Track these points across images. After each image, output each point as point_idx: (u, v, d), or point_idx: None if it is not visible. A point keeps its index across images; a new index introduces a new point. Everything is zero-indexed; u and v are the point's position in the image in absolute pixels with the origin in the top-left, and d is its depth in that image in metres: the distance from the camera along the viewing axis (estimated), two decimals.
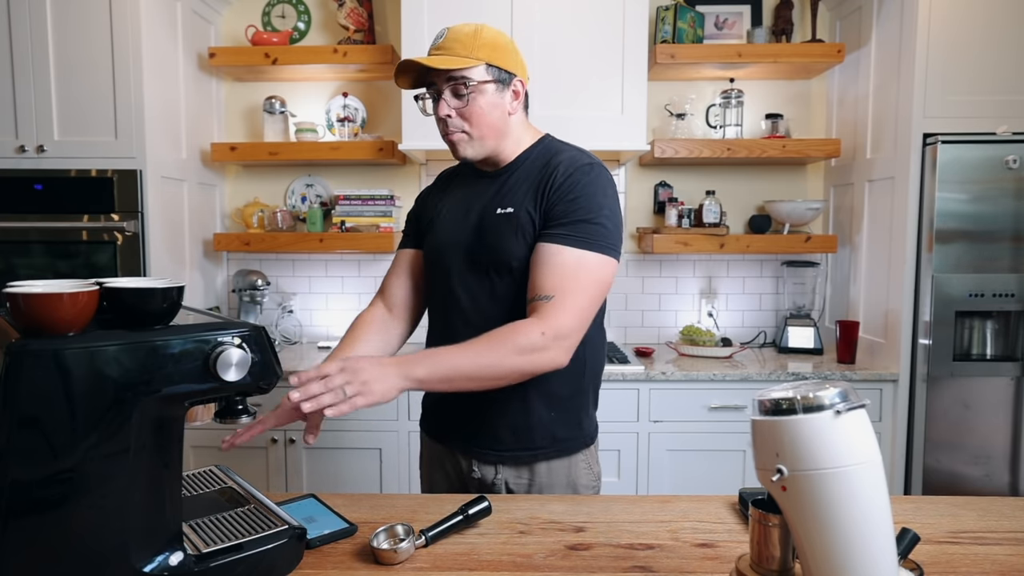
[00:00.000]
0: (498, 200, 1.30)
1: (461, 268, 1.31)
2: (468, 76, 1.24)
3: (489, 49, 1.25)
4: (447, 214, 1.38)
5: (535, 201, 1.25)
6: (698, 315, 2.91)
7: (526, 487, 1.33)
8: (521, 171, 1.31)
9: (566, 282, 1.18)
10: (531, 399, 1.30)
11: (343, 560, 1.00)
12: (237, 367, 0.85)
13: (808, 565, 0.74)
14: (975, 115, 2.26)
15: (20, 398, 0.76)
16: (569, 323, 1.17)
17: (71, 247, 2.35)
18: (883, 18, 2.47)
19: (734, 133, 2.71)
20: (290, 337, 2.87)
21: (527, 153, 1.33)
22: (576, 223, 1.21)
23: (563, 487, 1.33)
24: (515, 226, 1.25)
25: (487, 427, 1.32)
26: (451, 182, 1.47)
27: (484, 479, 1.34)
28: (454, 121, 1.26)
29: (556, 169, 1.26)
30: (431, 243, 1.39)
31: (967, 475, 2.32)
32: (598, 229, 1.21)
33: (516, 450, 1.32)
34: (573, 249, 1.19)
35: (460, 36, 1.25)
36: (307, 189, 2.93)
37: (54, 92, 2.30)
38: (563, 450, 1.33)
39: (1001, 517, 1.15)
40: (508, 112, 1.30)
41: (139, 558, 0.85)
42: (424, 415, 1.48)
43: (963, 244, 2.26)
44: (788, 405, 0.72)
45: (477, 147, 1.29)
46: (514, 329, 1.16)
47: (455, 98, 1.25)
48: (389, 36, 2.85)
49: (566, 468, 1.34)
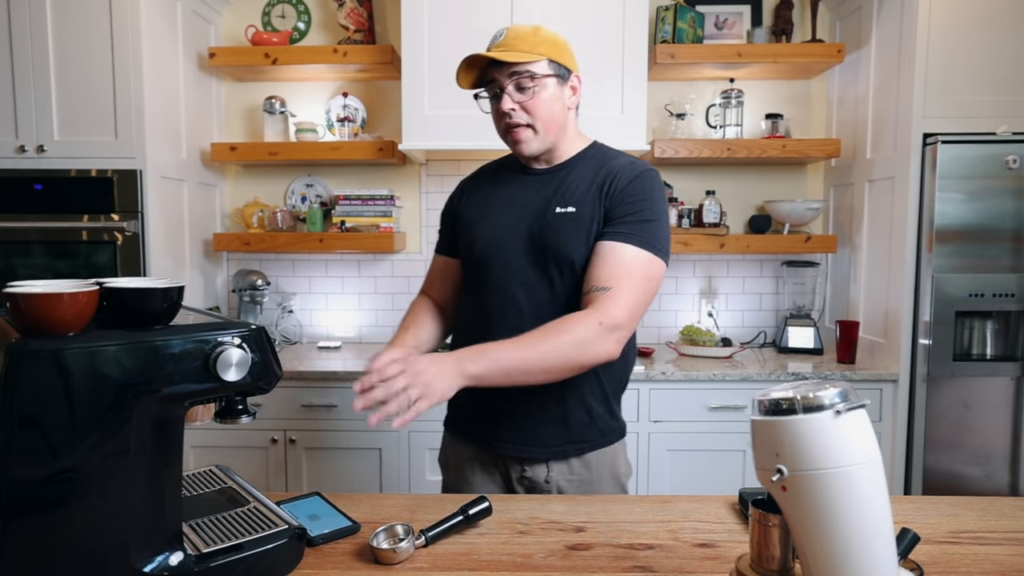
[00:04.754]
0: (558, 199, 1.30)
1: (519, 265, 1.31)
2: (532, 70, 1.25)
3: (550, 45, 1.28)
4: (496, 212, 1.37)
5: (598, 202, 1.28)
6: (698, 315, 2.91)
7: (576, 485, 1.34)
8: (578, 171, 1.33)
9: (623, 276, 1.21)
10: (585, 395, 1.32)
11: (343, 560, 1.00)
12: (237, 367, 0.85)
13: (808, 565, 0.74)
14: (975, 115, 2.26)
15: (20, 398, 0.76)
16: (623, 315, 1.19)
17: (71, 247, 2.35)
18: (883, 18, 2.47)
19: (734, 133, 2.71)
20: (290, 337, 2.87)
21: (582, 154, 1.36)
22: (637, 223, 1.25)
23: (608, 478, 1.35)
24: (578, 225, 1.27)
25: (538, 427, 1.32)
26: (489, 180, 1.45)
27: (535, 480, 1.34)
28: (518, 114, 1.27)
29: (619, 172, 1.29)
30: (478, 242, 1.37)
31: (967, 475, 2.32)
32: (655, 231, 1.26)
33: (567, 444, 1.33)
34: (631, 247, 1.23)
35: (521, 33, 1.27)
36: (307, 189, 2.93)
37: (54, 92, 2.30)
38: (607, 440, 1.36)
39: (1001, 517, 1.15)
40: (568, 107, 1.33)
41: (139, 558, 0.85)
42: (455, 416, 1.45)
43: (963, 244, 2.26)
44: (788, 405, 0.72)
45: (540, 141, 1.30)
46: (571, 321, 1.18)
47: (518, 92, 1.27)
48: (389, 36, 2.85)
49: (610, 458, 1.37)
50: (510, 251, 1.32)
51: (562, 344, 1.15)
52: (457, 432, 1.44)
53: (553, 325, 1.18)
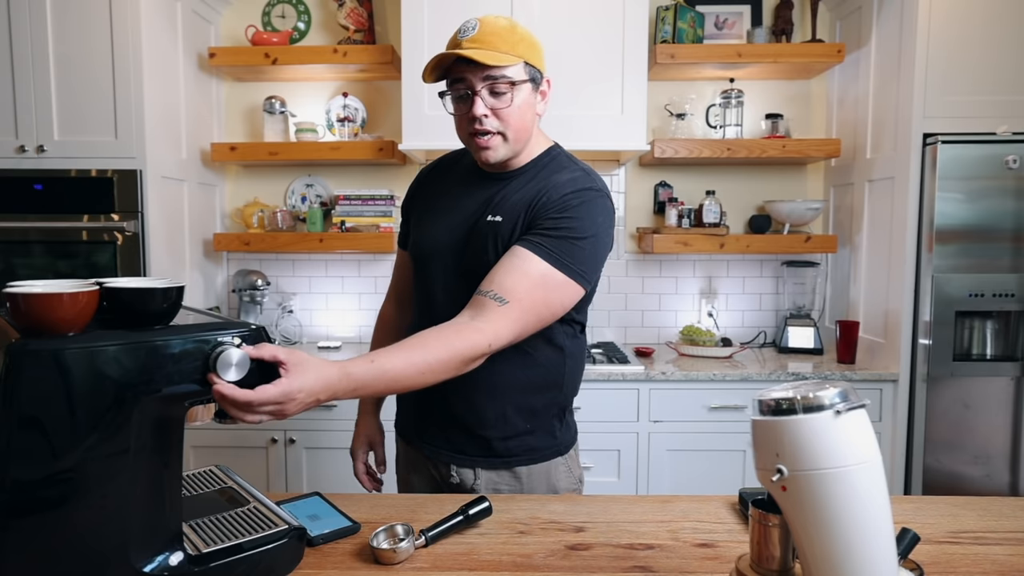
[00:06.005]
0: (492, 207, 1.24)
1: (446, 268, 1.27)
2: (510, 75, 1.16)
3: (527, 45, 1.19)
4: (441, 212, 1.32)
5: (524, 213, 1.20)
6: (698, 315, 2.91)
7: (507, 490, 1.32)
8: (522, 180, 1.25)
9: (524, 293, 1.12)
10: (510, 415, 1.28)
11: (343, 560, 1.00)
12: (237, 367, 0.85)
13: (808, 565, 0.74)
14: (975, 115, 2.26)
15: (20, 398, 0.76)
16: (509, 336, 1.12)
17: (71, 247, 2.35)
18: (883, 18, 2.47)
19: (734, 133, 2.71)
20: (290, 337, 2.87)
21: (534, 162, 1.28)
22: (557, 239, 1.15)
23: (544, 490, 1.33)
24: (497, 235, 1.21)
25: (466, 433, 1.30)
26: (444, 175, 1.38)
27: (464, 483, 1.32)
28: (490, 121, 1.18)
29: (554, 187, 1.20)
30: (420, 240, 1.33)
31: (967, 475, 2.32)
32: (576, 251, 1.16)
33: (493, 456, 1.31)
34: (543, 262, 1.14)
35: (498, 30, 1.16)
36: (307, 189, 2.93)
37: (54, 92, 2.30)
38: (539, 458, 1.32)
39: (1001, 517, 1.15)
40: (537, 114, 1.25)
41: (139, 558, 0.84)
42: (399, 419, 1.45)
43: (963, 244, 2.26)
44: (788, 405, 0.72)
45: (508, 149, 1.22)
46: (462, 338, 1.08)
47: (492, 97, 1.17)
48: (389, 36, 2.85)
49: (545, 472, 1.33)
50: (442, 253, 1.28)
51: (455, 363, 1.07)
52: (399, 434, 1.45)
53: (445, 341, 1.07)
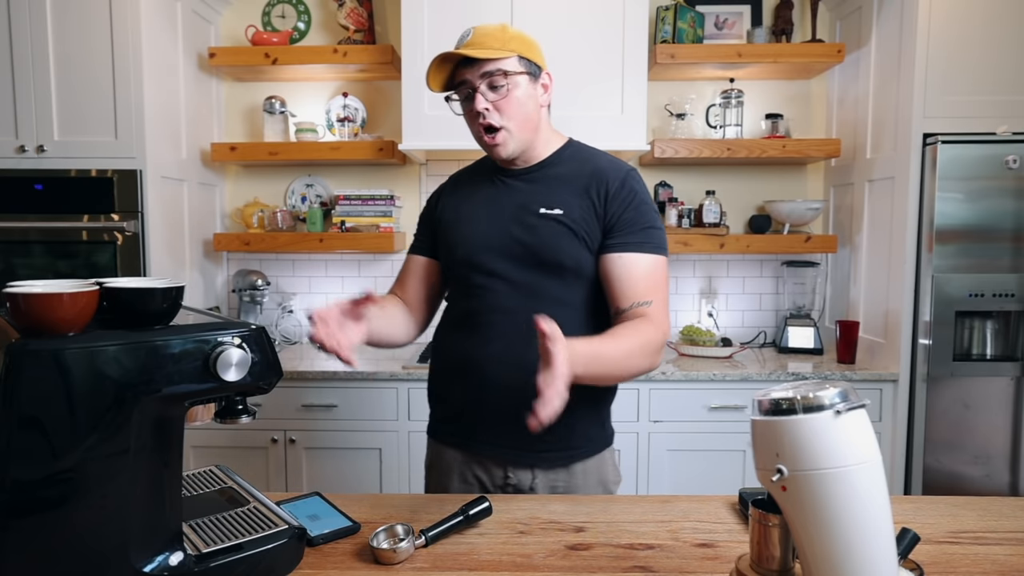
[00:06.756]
0: (541, 199, 1.29)
1: (503, 267, 1.29)
2: (503, 67, 1.24)
3: (519, 42, 1.27)
4: (475, 214, 1.35)
5: (590, 207, 1.27)
6: (698, 315, 2.91)
7: (563, 488, 1.32)
8: (559, 170, 1.32)
9: (655, 288, 1.25)
10: (573, 399, 1.29)
11: (343, 560, 1.00)
12: (237, 367, 0.85)
13: (808, 565, 0.74)
14: (975, 115, 2.26)
15: (20, 398, 0.76)
16: (667, 327, 1.25)
17: (71, 247, 2.35)
18: (883, 18, 2.47)
19: (734, 133, 2.71)
20: (290, 337, 2.87)
21: (559, 153, 1.34)
22: (644, 230, 1.27)
23: (595, 486, 1.34)
24: (566, 228, 1.26)
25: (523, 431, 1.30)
26: (465, 183, 1.44)
27: (520, 485, 1.32)
28: (492, 115, 1.25)
29: (604, 174, 1.29)
30: (460, 245, 1.35)
31: (967, 475, 2.32)
32: (659, 233, 1.29)
33: (554, 451, 1.31)
34: (649, 255, 1.26)
35: (489, 31, 1.26)
36: (307, 189, 2.93)
37: (54, 92, 2.30)
38: (594, 449, 1.35)
39: (1001, 517, 1.15)
40: (540, 105, 1.31)
41: (139, 558, 0.85)
42: (438, 422, 1.42)
43: (963, 244, 2.26)
44: (788, 405, 0.72)
45: (516, 142, 1.28)
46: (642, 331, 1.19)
47: (491, 91, 1.25)
48: (389, 36, 2.85)
49: (597, 467, 1.35)
50: (494, 253, 1.30)
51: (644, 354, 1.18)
52: (440, 438, 1.42)
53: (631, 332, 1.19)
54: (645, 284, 1.24)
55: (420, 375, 2.35)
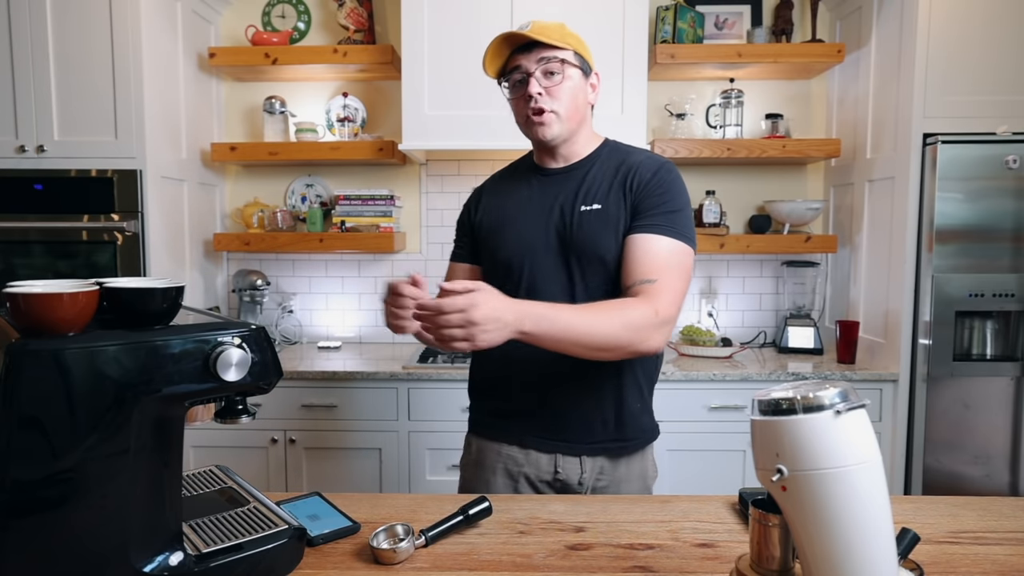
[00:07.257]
0: (581, 196, 1.31)
1: (548, 265, 1.31)
2: (561, 56, 1.28)
3: (576, 40, 1.32)
4: (517, 215, 1.37)
5: (622, 198, 1.29)
6: (698, 315, 2.91)
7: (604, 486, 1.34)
8: (597, 168, 1.34)
9: (663, 268, 1.23)
10: (625, 390, 1.33)
11: (343, 560, 1.00)
12: (237, 367, 0.85)
13: (808, 565, 0.74)
14: (975, 115, 2.26)
15: (20, 398, 0.76)
16: (671, 308, 1.21)
17: (71, 247, 2.35)
18: (883, 18, 2.47)
19: (734, 133, 2.71)
20: (290, 337, 2.87)
21: (598, 151, 1.37)
22: (666, 214, 1.26)
23: (636, 479, 1.37)
24: (605, 222, 1.28)
25: (574, 423, 1.33)
26: (505, 184, 1.45)
27: (568, 480, 1.33)
28: (544, 99, 1.28)
29: (639, 167, 1.30)
30: (502, 247, 1.37)
31: (967, 475, 2.32)
32: (683, 220, 1.28)
33: (607, 442, 1.33)
34: (665, 238, 1.25)
35: (549, 24, 1.30)
36: (307, 189, 2.93)
37: (54, 92, 2.30)
38: (644, 441, 1.39)
39: (1001, 517, 1.15)
40: (588, 102, 1.35)
41: (139, 558, 0.84)
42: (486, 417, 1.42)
43: (963, 244, 2.26)
44: (788, 405, 0.72)
45: (561, 127, 1.31)
46: (628, 304, 1.18)
47: (546, 77, 1.28)
48: (389, 36, 2.85)
49: (641, 461, 1.38)
50: (537, 253, 1.32)
51: (619, 324, 1.15)
52: (486, 434, 1.41)
53: (610, 304, 1.18)
54: (655, 264, 1.22)
55: (420, 375, 2.35)
